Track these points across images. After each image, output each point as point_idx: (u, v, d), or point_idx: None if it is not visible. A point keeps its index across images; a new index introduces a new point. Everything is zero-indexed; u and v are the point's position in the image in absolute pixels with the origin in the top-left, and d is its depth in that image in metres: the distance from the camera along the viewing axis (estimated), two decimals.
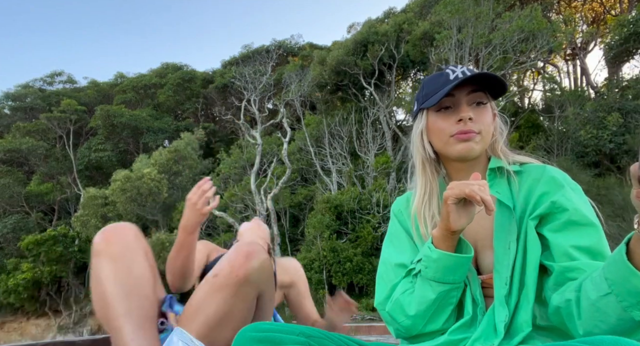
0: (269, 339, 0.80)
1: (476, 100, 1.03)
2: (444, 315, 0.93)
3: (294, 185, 19.37)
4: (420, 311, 0.93)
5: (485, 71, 1.03)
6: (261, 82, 21.74)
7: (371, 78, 18.79)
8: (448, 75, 1.03)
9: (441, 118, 1.05)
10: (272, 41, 27.18)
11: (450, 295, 0.92)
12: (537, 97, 22.76)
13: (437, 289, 0.91)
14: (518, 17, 15.08)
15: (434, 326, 0.94)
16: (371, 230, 14.67)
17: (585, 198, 0.94)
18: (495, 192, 1.00)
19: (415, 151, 1.12)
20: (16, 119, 28.53)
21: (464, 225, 0.86)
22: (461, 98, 1.03)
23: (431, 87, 1.06)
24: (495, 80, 1.01)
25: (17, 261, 20.87)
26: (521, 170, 1.03)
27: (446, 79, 1.03)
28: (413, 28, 18.25)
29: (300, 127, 20.23)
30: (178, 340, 1.04)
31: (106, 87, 32.24)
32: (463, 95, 1.02)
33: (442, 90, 1.01)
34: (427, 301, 0.93)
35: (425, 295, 0.93)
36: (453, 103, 1.03)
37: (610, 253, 0.85)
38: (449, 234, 0.87)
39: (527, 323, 0.87)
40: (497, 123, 1.09)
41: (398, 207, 1.18)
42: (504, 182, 1.04)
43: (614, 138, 13.77)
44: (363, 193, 15.85)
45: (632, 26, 15.12)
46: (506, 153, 1.07)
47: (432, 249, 0.90)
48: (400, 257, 1.06)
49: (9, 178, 24.24)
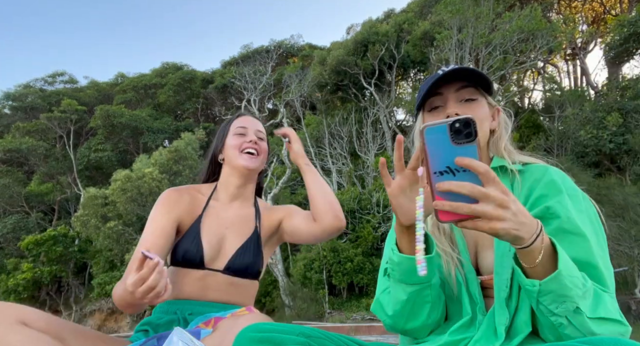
0: (269, 339, 0.79)
1: (465, 97, 1.02)
2: (422, 313, 0.93)
3: (294, 185, 19.37)
4: (396, 310, 0.94)
5: (465, 66, 1.01)
6: (261, 82, 21.74)
7: (371, 78, 18.79)
8: (438, 74, 1.02)
9: (432, 118, 1.05)
10: (272, 41, 27.18)
11: (424, 294, 0.90)
12: (537, 97, 22.77)
13: (407, 290, 0.90)
14: (518, 17, 15.08)
15: (414, 323, 0.94)
16: (371, 230, 14.68)
17: (583, 205, 0.91)
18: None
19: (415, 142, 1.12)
20: (16, 119, 28.54)
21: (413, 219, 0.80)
22: (449, 95, 1.02)
23: (423, 87, 1.05)
24: (472, 73, 1.00)
25: (17, 261, 20.88)
26: (524, 169, 1.01)
27: (436, 76, 1.02)
28: (413, 28, 18.26)
29: (301, 127, 20.24)
30: (178, 340, 1.04)
31: (106, 87, 32.27)
32: (451, 93, 1.02)
33: (423, 87, 1.02)
34: (400, 302, 0.92)
35: (398, 296, 0.92)
36: (442, 101, 1.03)
37: (604, 261, 0.85)
38: (404, 229, 0.84)
39: (527, 324, 0.87)
40: (502, 118, 1.08)
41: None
42: (507, 182, 1.03)
43: (614, 138, 13.78)
44: (363, 193, 15.86)
45: (632, 26, 15.12)
46: (511, 152, 1.05)
47: (395, 251, 0.88)
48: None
49: (9, 178, 24.25)
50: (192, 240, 1.41)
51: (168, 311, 1.38)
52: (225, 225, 1.48)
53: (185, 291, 1.39)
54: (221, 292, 1.41)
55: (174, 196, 1.48)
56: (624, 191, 11.35)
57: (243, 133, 1.54)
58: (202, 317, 1.33)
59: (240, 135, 1.53)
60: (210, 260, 1.41)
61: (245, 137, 1.53)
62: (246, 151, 1.50)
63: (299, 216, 1.51)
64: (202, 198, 1.53)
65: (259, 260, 1.47)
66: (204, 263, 1.39)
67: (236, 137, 1.53)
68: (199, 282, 1.40)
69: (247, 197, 1.57)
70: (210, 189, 1.57)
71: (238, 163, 1.49)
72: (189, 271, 1.41)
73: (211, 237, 1.43)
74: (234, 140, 1.52)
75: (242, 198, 1.56)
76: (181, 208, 1.45)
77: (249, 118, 1.61)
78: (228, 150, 1.52)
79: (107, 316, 19.87)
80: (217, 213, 1.50)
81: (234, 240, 1.45)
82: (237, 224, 1.49)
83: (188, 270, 1.41)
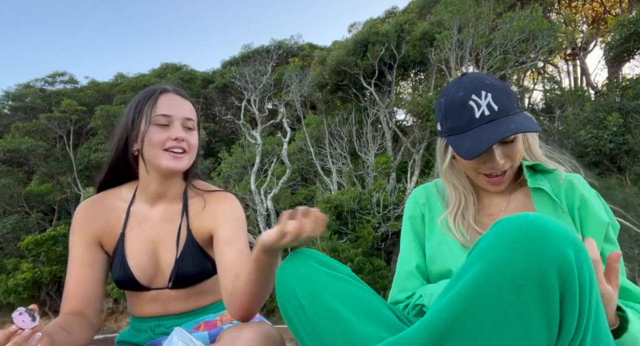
0: (325, 262, 0.90)
1: (507, 140, 1.04)
2: None
3: (294, 185, 19.36)
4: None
5: (504, 134, 0.98)
6: (261, 82, 21.72)
7: (371, 78, 18.77)
8: (472, 111, 1.01)
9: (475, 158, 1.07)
10: (272, 41, 27.16)
11: None
12: (537, 97, 22.73)
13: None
14: (518, 17, 15.07)
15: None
16: (371, 230, 14.67)
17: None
18: (537, 185, 1.07)
19: (445, 175, 1.16)
20: (16, 119, 28.51)
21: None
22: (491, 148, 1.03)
23: (456, 121, 1.04)
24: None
25: (17, 261, 20.87)
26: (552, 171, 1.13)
27: (471, 116, 1.01)
28: (413, 28, 18.24)
29: (301, 127, 20.23)
30: (178, 340, 1.04)
31: (106, 87, 32.24)
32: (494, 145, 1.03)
33: (474, 148, 0.99)
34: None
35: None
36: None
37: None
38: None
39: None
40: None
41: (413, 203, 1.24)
42: (542, 178, 1.09)
43: (614, 138, 13.76)
44: (363, 193, 15.85)
45: (632, 26, 15.11)
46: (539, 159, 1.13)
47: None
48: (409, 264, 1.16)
49: (9, 178, 24.23)
50: (120, 267, 1.23)
51: (140, 329, 1.29)
52: (152, 238, 1.25)
53: (145, 311, 1.28)
54: (183, 303, 1.28)
55: (86, 213, 1.25)
56: (624, 191, 11.35)
57: (166, 124, 1.18)
58: (191, 323, 1.28)
59: (163, 127, 1.18)
60: (149, 282, 1.24)
61: (169, 130, 1.18)
62: (171, 150, 1.19)
63: (220, 259, 1.19)
64: (122, 205, 1.27)
65: (206, 262, 1.27)
66: (144, 286, 1.24)
67: (157, 130, 1.18)
68: (154, 301, 1.27)
69: (175, 193, 1.29)
70: (131, 192, 1.29)
71: (160, 164, 1.18)
72: (137, 293, 1.27)
73: (140, 258, 1.23)
74: (155, 134, 1.17)
75: (168, 197, 1.28)
76: (97, 228, 1.24)
77: (174, 99, 1.23)
78: (146, 145, 1.18)
79: (107, 316, 19.86)
80: (140, 225, 1.26)
81: (167, 254, 1.25)
82: (165, 233, 1.26)
83: (136, 292, 1.28)
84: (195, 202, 1.30)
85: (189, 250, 1.24)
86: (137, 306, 1.30)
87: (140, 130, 1.18)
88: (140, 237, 1.25)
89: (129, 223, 1.26)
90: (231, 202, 1.29)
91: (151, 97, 1.21)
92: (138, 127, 1.18)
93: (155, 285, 1.25)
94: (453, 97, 1.04)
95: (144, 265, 1.23)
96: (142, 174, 1.24)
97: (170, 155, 1.18)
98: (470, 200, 1.11)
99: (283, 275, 0.90)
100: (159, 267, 1.25)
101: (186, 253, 1.24)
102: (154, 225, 1.26)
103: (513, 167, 1.06)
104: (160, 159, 1.18)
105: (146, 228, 1.26)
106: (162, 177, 1.23)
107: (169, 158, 1.18)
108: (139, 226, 1.26)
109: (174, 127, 1.19)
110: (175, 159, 1.18)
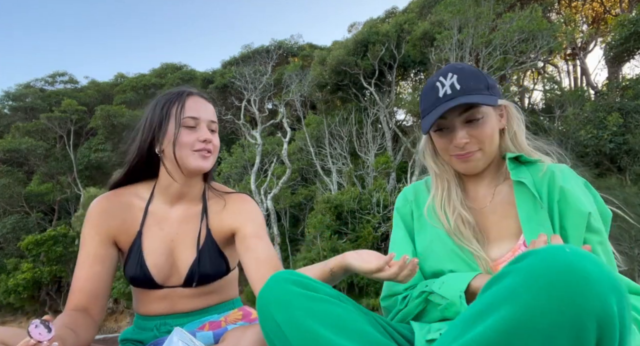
0: (303, 284, 0.87)
1: (469, 118, 1.05)
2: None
3: (294, 185, 19.36)
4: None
5: (463, 101, 1.02)
6: (261, 82, 21.72)
7: (371, 78, 18.77)
8: (437, 91, 1.05)
9: (440, 138, 1.11)
10: (272, 41, 27.15)
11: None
12: (537, 97, 22.73)
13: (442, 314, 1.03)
14: (518, 17, 15.07)
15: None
16: (371, 230, 14.67)
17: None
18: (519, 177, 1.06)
19: (424, 156, 1.19)
20: (16, 119, 28.51)
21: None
22: (454, 120, 1.06)
23: (425, 103, 1.09)
24: (471, 102, 1.02)
25: (17, 261, 20.86)
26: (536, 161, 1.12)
27: (436, 97, 1.05)
28: (414, 28, 18.24)
29: (301, 127, 20.23)
30: (178, 339, 1.04)
31: (106, 87, 32.22)
32: (455, 116, 1.05)
33: (427, 121, 1.05)
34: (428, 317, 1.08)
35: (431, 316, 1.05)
36: (447, 125, 1.07)
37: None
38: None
39: None
40: (512, 114, 1.12)
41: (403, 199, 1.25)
42: (525, 170, 1.09)
43: (614, 138, 13.76)
44: (363, 193, 15.85)
45: (632, 26, 15.11)
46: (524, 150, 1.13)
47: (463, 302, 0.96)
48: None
49: (9, 178, 24.22)
50: (136, 264, 1.23)
51: (145, 328, 1.30)
52: (171, 237, 1.27)
53: (152, 309, 1.29)
54: (191, 302, 1.29)
55: (103, 209, 1.26)
56: (624, 191, 11.35)
57: (194, 127, 1.22)
58: (195, 322, 1.28)
59: (191, 129, 1.22)
60: (163, 280, 1.26)
61: (197, 132, 1.22)
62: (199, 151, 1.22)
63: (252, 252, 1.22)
64: (139, 203, 1.29)
65: (222, 262, 1.30)
66: (158, 284, 1.25)
67: (187, 132, 1.21)
68: (163, 300, 1.28)
69: (195, 194, 1.32)
70: (148, 191, 1.31)
71: (190, 164, 1.21)
72: (148, 291, 1.28)
73: (157, 257, 1.25)
74: (185, 136, 1.20)
75: (188, 197, 1.31)
76: (113, 225, 1.25)
77: (200, 103, 1.27)
78: (176, 147, 1.20)
79: (107, 316, 19.86)
80: (159, 224, 1.27)
81: (185, 253, 1.26)
82: (184, 233, 1.28)
83: (146, 290, 1.28)
84: (214, 202, 1.33)
85: (208, 250, 1.27)
86: (145, 304, 1.30)
87: (168, 131, 1.21)
88: (158, 236, 1.27)
89: (147, 221, 1.27)
90: (252, 202, 1.35)
91: (178, 99, 1.24)
92: (166, 128, 1.22)
93: (169, 283, 1.27)
94: (428, 82, 1.11)
95: (161, 264, 1.25)
96: (164, 174, 1.26)
97: (200, 154, 1.22)
98: (452, 184, 1.13)
99: (262, 302, 0.88)
100: (176, 266, 1.27)
101: (204, 252, 1.27)
102: (173, 224, 1.28)
103: (484, 150, 1.07)
104: (190, 159, 1.21)
105: (165, 227, 1.28)
106: (186, 177, 1.26)
107: (197, 157, 1.21)
108: (157, 225, 1.28)
109: (201, 128, 1.23)
110: (204, 159, 1.23)
